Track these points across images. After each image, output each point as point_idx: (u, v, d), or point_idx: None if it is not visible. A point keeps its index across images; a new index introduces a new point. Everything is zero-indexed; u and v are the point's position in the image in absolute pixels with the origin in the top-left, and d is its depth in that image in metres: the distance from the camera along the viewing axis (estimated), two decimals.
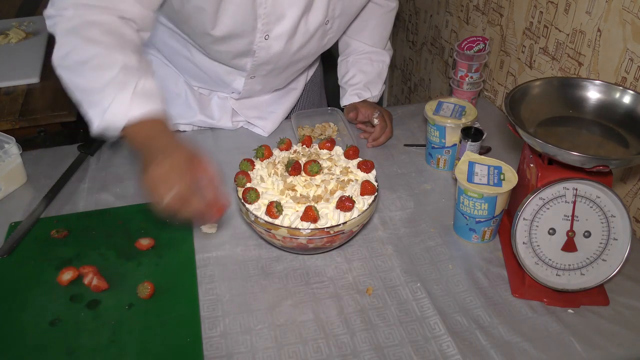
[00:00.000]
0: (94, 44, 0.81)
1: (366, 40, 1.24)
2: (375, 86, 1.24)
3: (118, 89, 0.79)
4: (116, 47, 0.82)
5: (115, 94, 0.79)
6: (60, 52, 0.83)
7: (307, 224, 0.82)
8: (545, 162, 0.84)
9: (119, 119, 0.79)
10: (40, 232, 0.94)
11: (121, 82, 0.80)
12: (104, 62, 0.81)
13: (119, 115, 0.79)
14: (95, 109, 0.81)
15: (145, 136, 0.81)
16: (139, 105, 0.80)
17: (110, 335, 0.77)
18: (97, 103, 0.81)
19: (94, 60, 0.81)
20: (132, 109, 0.79)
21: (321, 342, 0.78)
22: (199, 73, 1.13)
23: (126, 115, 0.79)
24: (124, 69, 0.80)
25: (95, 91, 0.81)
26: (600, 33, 1.03)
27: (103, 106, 0.80)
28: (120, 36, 0.84)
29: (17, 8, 1.93)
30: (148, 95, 0.82)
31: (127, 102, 0.79)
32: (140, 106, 0.80)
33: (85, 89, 0.82)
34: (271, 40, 1.01)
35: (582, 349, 0.77)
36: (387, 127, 1.18)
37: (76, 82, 0.83)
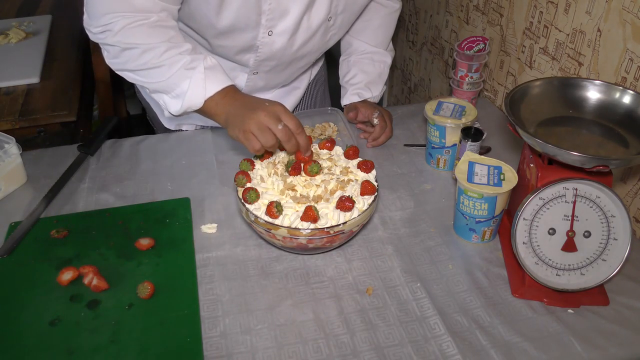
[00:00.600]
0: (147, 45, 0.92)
1: (368, 40, 1.24)
2: (376, 86, 1.24)
3: (189, 73, 0.92)
4: (167, 41, 0.93)
5: (190, 78, 0.92)
6: (118, 60, 0.96)
7: (307, 224, 0.82)
8: (545, 162, 0.84)
9: (198, 99, 0.92)
10: (40, 232, 0.94)
11: (189, 66, 0.92)
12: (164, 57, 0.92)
13: (197, 96, 0.92)
14: (170, 95, 0.95)
15: (227, 103, 0.92)
16: (212, 82, 0.93)
17: (110, 335, 0.77)
18: (171, 89, 0.94)
19: (153, 59, 0.92)
20: (208, 87, 0.92)
21: (321, 342, 0.78)
22: None
23: (204, 94, 0.92)
24: (187, 55, 0.93)
25: (167, 81, 0.93)
26: (600, 33, 1.03)
27: (179, 91, 0.93)
28: (164, 28, 0.94)
29: (17, 8, 1.93)
30: (216, 72, 0.94)
31: (202, 82, 0.92)
32: (214, 83, 0.93)
33: (155, 82, 0.95)
34: (274, 36, 1.01)
35: (582, 349, 0.77)
36: (387, 127, 1.18)
37: (143, 80, 0.96)
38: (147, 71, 0.94)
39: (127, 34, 0.91)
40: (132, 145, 1.19)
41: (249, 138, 0.87)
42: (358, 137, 1.22)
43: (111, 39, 0.92)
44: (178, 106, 0.94)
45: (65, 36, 1.73)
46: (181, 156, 1.15)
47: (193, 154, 1.16)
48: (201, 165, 1.13)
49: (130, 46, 0.92)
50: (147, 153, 1.16)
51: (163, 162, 1.14)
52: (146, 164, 1.13)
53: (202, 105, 0.93)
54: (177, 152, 1.17)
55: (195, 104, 0.93)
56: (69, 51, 1.65)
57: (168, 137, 1.22)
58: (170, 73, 0.92)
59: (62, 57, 1.62)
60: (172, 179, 1.09)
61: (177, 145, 1.19)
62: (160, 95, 0.97)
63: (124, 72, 0.97)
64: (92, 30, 0.94)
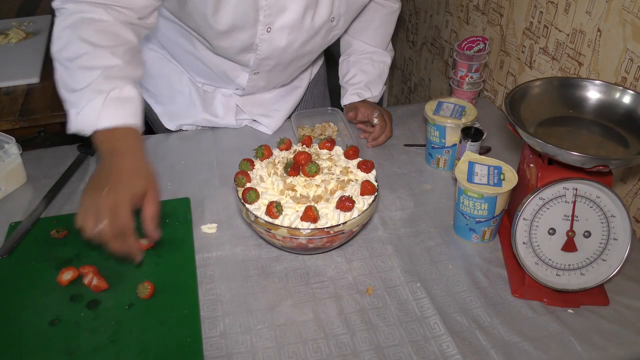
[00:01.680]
0: (84, 42, 0.83)
1: (368, 41, 1.24)
2: (375, 86, 1.24)
3: (93, 94, 0.81)
4: (105, 47, 0.84)
5: (90, 99, 0.81)
6: (57, 46, 0.85)
7: (307, 224, 0.82)
8: (545, 162, 0.84)
9: (88, 124, 0.81)
10: (40, 232, 0.94)
11: (98, 88, 0.81)
12: (88, 63, 0.83)
13: (89, 120, 0.81)
14: (72, 109, 0.83)
15: (108, 149, 0.81)
16: (108, 115, 0.81)
17: (110, 335, 0.77)
18: (74, 103, 0.83)
19: (81, 58, 0.83)
20: (101, 117, 0.81)
21: (321, 342, 0.78)
22: (204, 69, 1.14)
23: (95, 123, 0.81)
24: (104, 73, 0.82)
25: (75, 91, 0.83)
26: (600, 33, 1.03)
27: (78, 108, 0.82)
28: (114, 36, 0.85)
29: (17, 8, 1.93)
30: (121, 106, 0.82)
31: (98, 109, 0.81)
32: (109, 116, 0.81)
33: (68, 87, 0.84)
34: (274, 33, 1.01)
35: (582, 349, 0.77)
36: (386, 127, 1.18)
37: (63, 78, 0.85)
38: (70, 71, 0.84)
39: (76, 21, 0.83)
40: None
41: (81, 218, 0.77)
42: (358, 137, 1.22)
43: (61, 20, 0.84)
44: (71, 124, 0.83)
45: None
46: (181, 156, 1.15)
47: (193, 154, 1.16)
48: (201, 165, 1.13)
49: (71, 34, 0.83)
50: (147, 153, 1.16)
51: (163, 162, 1.14)
52: None
53: (93, 135, 0.81)
54: (177, 152, 1.17)
55: (84, 129, 0.82)
56: None
57: (168, 137, 1.22)
58: (81, 86, 0.82)
59: None
60: (172, 179, 1.09)
61: (177, 145, 1.19)
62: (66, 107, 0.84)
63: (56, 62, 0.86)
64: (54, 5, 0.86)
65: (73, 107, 0.83)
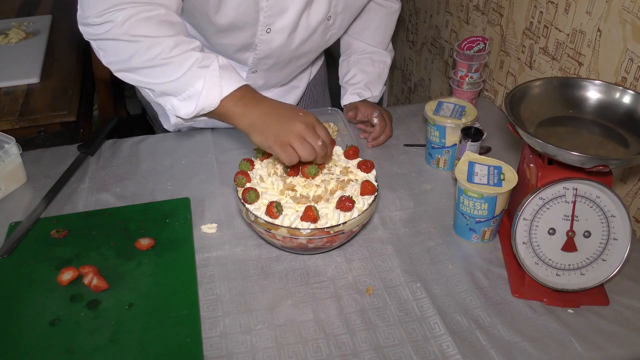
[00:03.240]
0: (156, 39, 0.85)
1: (368, 41, 1.24)
2: (375, 86, 1.24)
3: (202, 70, 0.85)
4: (177, 35, 0.87)
5: (202, 76, 0.85)
6: (119, 57, 0.87)
7: (307, 224, 0.82)
8: (545, 162, 0.84)
9: (214, 99, 0.85)
10: (40, 232, 0.94)
11: (203, 64, 0.85)
12: (174, 53, 0.85)
13: (213, 96, 0.85)
14: (182, 97, 0.87)
15: (248, 106, 0.87)
16: (228, 82, 0.86)
17: (110, 335, 0.77)
18: (182, 90, 0.86)
19: (163, 54, 0.85)
20: (224, 85, 0.85)
21: (321, 342, 0.78)
22: None
23: (220, 94, 0.85)
24: (197, 50, 0.86)
25: (178, 80, 0.85)
26: (600, 33, 1.03)
27: (192, 91, 0.86)
28: (172, 24, 0.88)
29: (17, 8, 1.93)
30: (230, 71, 0.88)
31: (217, 80, 0.85)
32: (229, 82, 0.86)
33: (163, 82, 0.87)
34: (273, 34, 1.01)
35: (582, 349, 0.77)
36: (386, 127, 1.18)
37: (148, 80, 0.88)
38: (153, 69, 0.86)
39: (133, 25, 0.83)
40: (132, 145, 1.19)
41: (287, 151, 0.82)
42: (358, 137, 1.22)
43: (115, 31, 0.83)
44: (191, 108, 0.86)
45: (65, 36, 1.73)
46: (181, 156, 1.15)
47: (193, 154, 1.16)
48: (201, 165, 1.13)
49: (136, 39, 0.84)
50: (147, 153, 1.16)
51: (163, 162, 1.14)
52: (146, 164, 1.13)
53: (218, 107, 0.86)
54: (177, 152, 1.17)
55: (210, 105, 0.86)
56: (69, 51, 1.65)
57: (168, 137, 1.22)
58: (182, 72, 0.85)
59: (62, 57, 1.62)
60: (172, 179, 1.09)
61: (177, 145, 1.19)
62: (168, 99, 0.89)
63: (126, 72, 0.89)
64: (90, 22, 0.85)
65: (179, 94, 0.87)
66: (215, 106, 0.86)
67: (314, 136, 0.83)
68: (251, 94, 0.88)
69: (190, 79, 0.85)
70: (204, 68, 0.85)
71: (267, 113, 0.86)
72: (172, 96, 0.88)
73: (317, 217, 0.82)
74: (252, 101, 0.87)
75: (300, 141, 0.82)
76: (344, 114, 1.24)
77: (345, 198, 0.84)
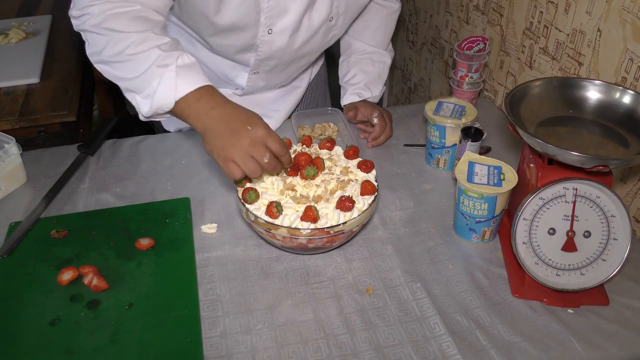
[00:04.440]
0: (125, 34, 0.84)
1: (368, 41, 1.24)
2: (375, 86, 1.24)
3: (160, 70, 0.83)
4: (146, 31, 0.86)
5: (160, 75, 0.83)
6: (95, 49, 0.88)
7: (307, 224, 0.82)
8: (545, 162, 0.84)
9: (168, 99, 0.83)
10: (40, 232, 0.94)
11: (162, 63, 0.83)
12: (139, 48, 0.84)
13: (167, 94, 0.83)
14: (142, 95, 0.85)
15: (200, 108, 0.84)
16: (185, 81, 0.83)
17: (110, 335, 0.77)
18: (140, 88, 0.85)
19: (129, 48, 0.84)
20: (179, 86, 0.83)
21: (321, 342, 0.78)
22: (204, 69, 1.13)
23: (174, 93, 0.83)
24: (161, 51, 0.84)
25: (139, 78, 0.84)
26: (600, 33, 1.03)
27: (150, 90, 0.84)
28: (147, 20, 0.87)
29: (17, 8, 1.93)
30: (191, 70, 0.85)
31: (172, 80, 0.83)
32: (186, 82, 0.83)
33: (127, 77, 0.86)
34: (274, 34, 1.01)
35: (582, 349, 0.77)
36: (386, 127, 1.18)
37: (117, 73, 0.87)
38: (120, 64, 0.86)
39: (106, 18, 0.84)
40: (132, 145, 1.19)
41: (229, 166, 0.81)
42: (358, 137, 1.22)
43: (90, 23, 0.85)
44: (147, 107, 0.85)
45: (65, 36, 1.73)
46: (181, 156, 1.15)
47: (193, 154, 1.16)
48: (201, 165, 1.13)
49: (106, 32, 0.85)
50: (147, 153, 1.16)
51: (163, 162, 1.14)
52: (146, 164, 1.13)
53: (174, 107, 0.84)
54: (177, 152, 1.17)
55: (165, 105, 0.84)
56: (69, 51, 1.65)
57: (168, 137, 1.22)
58: (142, 69, 0.84)
59: (62, 57, 1.62)
60: (172, 179, 1.09)
61: (177, 145, 1.19)
62: (132, 95, 0.88)
63: (101, 64, 0.89)
64: (73, 14, 0.88)
65: (140, 92, 0.86)
66: (170, 107, 0.84)
67: (260, 152, 0.81)
68: (209, 96, 0.85)
69: (148, 77, 0.84)
70: (162, 67, 0.83)
71: (219, 120, 0.83)
72: (135, 93, 0.87)
73: (317, 217, 0.82)
74: (208, 105, 0.84)
75: (244, 158, 0.80)
76: (344, 113, 1.24)
77: (345, 198, 0.84)
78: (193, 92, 0.84)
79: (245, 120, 0.83)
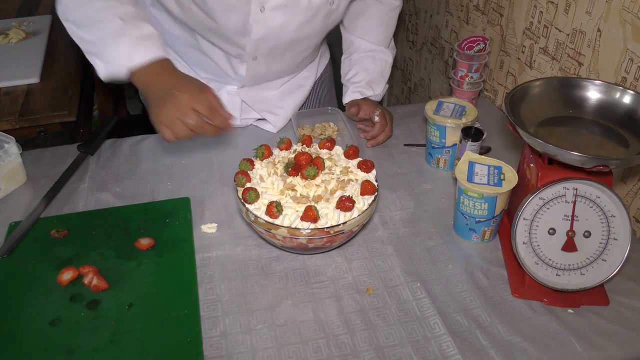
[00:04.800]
0: None
1: (369, 39, 1.24)
2: (377, 85, 1.24)
3: (117, 38, 0.89)
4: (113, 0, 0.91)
5: (116, 44, 0.89)
6: (64, 7, 0.93)
7: (307, 224, 0.82)
8: (545, 162, 0.84)
9: (122, 67, 0.89)
10: (40, 232, 0.94)
11: (121, 32, 0.89)
12: (102, 15, 0.90)
13: (122, 63, 0.89)
14: (100, 59, 0.92)
15: (149, 79, 0.91)
16: (139, 52, 0.89)
17: (110, 335, 0.77)
18: (98, 54, 0.92)
19: (96, 14, 0.90)
20: (133, 57, 0.89)
21: (321, 342, 0.78)
22: (206, 61, 1.14)
23: (128, 63, 0.89)
24: (122, 19, 0.89)
25: (98, 43, 0.91)
26: (600, 33, 1.03)
27: (107, 56, 0.90)
28: None
29: (17, 8, 1.93)
30: (147, 42, 0.91)
31: (127, 50, 0.88)
32: (141, 53, 0.89)
33: (89, 40, 0.92)
34: (267, 12, 1.00)
35: (582, 349, 0.77)
36: (387, 126, 1.18)
37: (80, 34, 0.93)
38: (84, 27, 0.92)
39: None
40: (132, 145, 1.19)
41: (161, 131, 0.87)
42: (358, 137, 1.22)
43: None
44: (104, 72, 0.92)
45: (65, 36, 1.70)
46: (181, 156, 1.15)
47: (193, 153, 1.16)
48: (201, 165, 1.13)
49: None
50: (147, 153, 1.16)
51: (163, 161, 1.14)
52: (146, 163, 1.13)
53: (129, 76, 0.90)
54: (177, 152, 1.17)
55: (119, 73, 0.90)
56: (69, 51, 1.65)
57: None
58: (101, 36, 0.90)
59: (62, 57, 1.62)
60: (172, 178, 1.09)
61: (177, 145, 1.19)
62: (92, 57, 0.94)
63: (67, 22, 0.95)
64: None
65: (98, 57, 0.92)
66: (123, 75, 0.90)
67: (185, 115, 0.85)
68: (161, 68, 0.90)
69: (107, 44, 0.90)
70: (120, 37, 0.88)
71: (159, 90, 0.89)
72: (94, 55, 0.93)
73: (317, 217, 0.82)
74: (157, 75, 0.90)
75: (172, 121, 0.86)
76: (347, 110, 1.24)
77: (345, 198, 0.84)
78: (147, 63, 0.89)
79: (176, 87, 0.88)
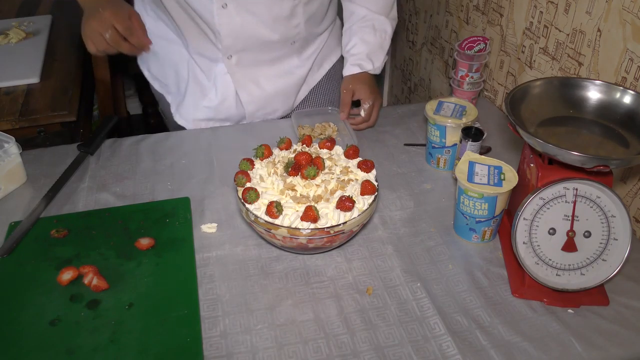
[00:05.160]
0: None
1: (369, 5, 1.23)
2: (377, 57, 1.24)
3: None
4: None
5: None
6: None
7: (307, 224, 0.82)
8: (546, 162, 0.84)
9: None
10: (40, 232, 0.94)
11: None
12: None
13: None
14: None
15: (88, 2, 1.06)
16: None
17: (110, 335, 0.77)
18: None
19: None
20: None
21: (321, 342, 0.78)
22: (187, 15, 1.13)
23: None
24: None
25: None
26: (600, 33, 1.03)
27: None
28: None
29: (17, 8, 1.93)
30: None
31: None
32: None
33: None
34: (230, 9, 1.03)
35: (582, 349, 0.77)
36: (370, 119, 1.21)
37: None
38: None
39: None
40: (132, 145, 1.19)
41: (85, 42, 1.03)
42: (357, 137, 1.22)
43: None
44: None
45: (65, 36, 1.73)
46: (181, 156, 1.15)
47: (193, 153, 1.16)
48: (201, 165, 1.13)
49: None
50: (147, 153, 1.16)
51: (163, 161, 1.14)
52: (146, 163, 1.13)
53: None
54: (177, 151, 1.17)
55: None
56: (69, 51, 1.65)
57: (168, 137, 1.22)
58: None
59: (62, 57, 1.62)
60: (172, 178, 1.09)
61: (177, 145, 1.19)
62: None
63: None
64: None
65: None
66: None
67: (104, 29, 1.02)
68: None
69: None
70: None
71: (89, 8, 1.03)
72: None
73: (317, 217, 0.82)
74: None
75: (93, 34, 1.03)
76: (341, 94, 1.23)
77: (345, 198, 0.84)
78: None
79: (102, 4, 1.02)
